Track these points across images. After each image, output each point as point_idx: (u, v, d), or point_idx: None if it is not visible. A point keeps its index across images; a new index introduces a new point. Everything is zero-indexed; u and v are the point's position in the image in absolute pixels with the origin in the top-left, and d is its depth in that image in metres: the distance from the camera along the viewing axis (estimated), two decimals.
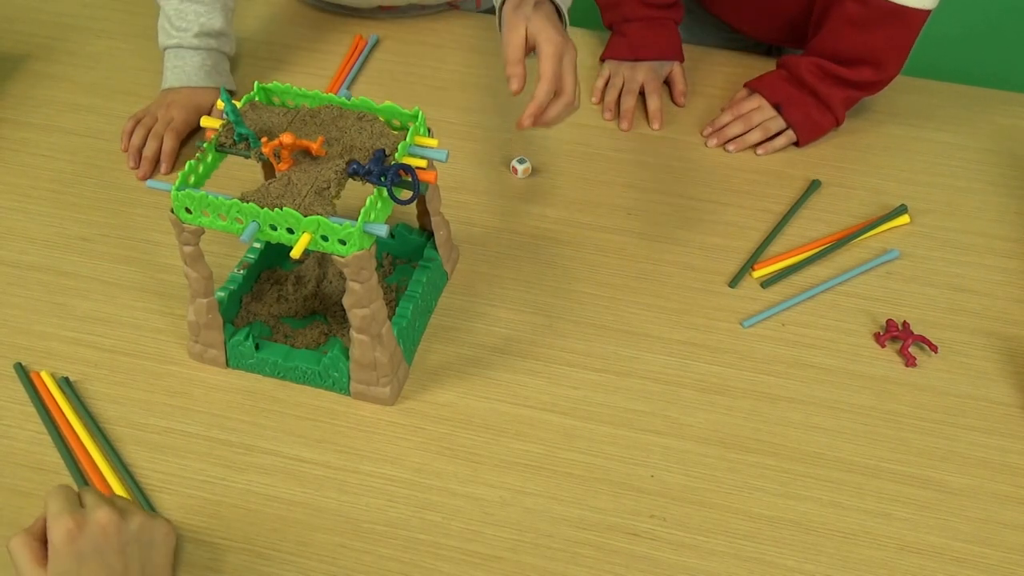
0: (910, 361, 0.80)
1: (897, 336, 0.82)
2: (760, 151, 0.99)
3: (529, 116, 0.78)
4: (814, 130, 0.99)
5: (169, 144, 0.95)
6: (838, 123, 0.99)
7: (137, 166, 0.95)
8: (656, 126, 1.03)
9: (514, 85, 0.78)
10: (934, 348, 0.81)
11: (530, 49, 0.80)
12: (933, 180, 0.99)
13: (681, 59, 1.08)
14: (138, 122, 0.97)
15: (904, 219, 0.94)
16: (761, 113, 1.00)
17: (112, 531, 0.57)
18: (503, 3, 0.84)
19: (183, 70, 1.00)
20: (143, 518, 0.60)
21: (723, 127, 1.01)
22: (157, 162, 0.96)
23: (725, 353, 0.80)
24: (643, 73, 1.06)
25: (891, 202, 0.95)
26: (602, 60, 1.10)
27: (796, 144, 1.00)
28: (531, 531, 0.68)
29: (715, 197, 0.96)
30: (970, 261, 0.90)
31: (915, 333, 0.82)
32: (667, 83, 1.08)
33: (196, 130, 1.00)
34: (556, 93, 0.79)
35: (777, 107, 0.99)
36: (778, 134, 1.00)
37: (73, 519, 0.57)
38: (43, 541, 0.58)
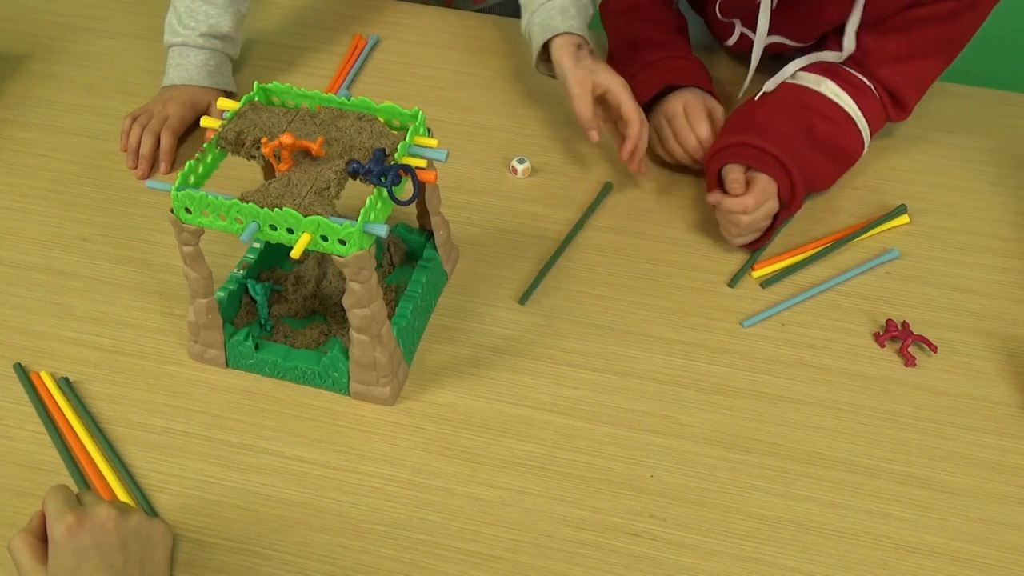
0: (910, 361, 0.80)
1: (897, 336, 0.82)
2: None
3: (636, 158, 0.92)
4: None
5: (166, 143, 0.95)
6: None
7: (136, 166, 0.95)
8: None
9: (596, 137, 0.92)
10: (934, 348, 0.81)
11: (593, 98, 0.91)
12: (933, 180, 0.99)
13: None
14: (135, 120, 0.97)
15: (904, 219, 0.94)
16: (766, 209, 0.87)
17: (112, 527, 0.58)
18: (558, 55, 0.93)
19: (186, 68, 1.00)
20: (141, 516, 0.60)
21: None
22: (156, 160, 0.96)
23: (725, 353, 0.80)
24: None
25: (891, 202, 0.95)
26: None
27: (751, 245, 0.89)
28: (531, 531, 0.68)
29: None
30: (970, 261, 0.90)
31: (915, 333, 0.82)
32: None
33: (194, 128, 1.00)
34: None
35: (783, 204, 0.88)
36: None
37: (74, 515, 0.57)
38: (43, 539, 0.58)
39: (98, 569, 0.56)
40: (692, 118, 0.94)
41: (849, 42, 0.92)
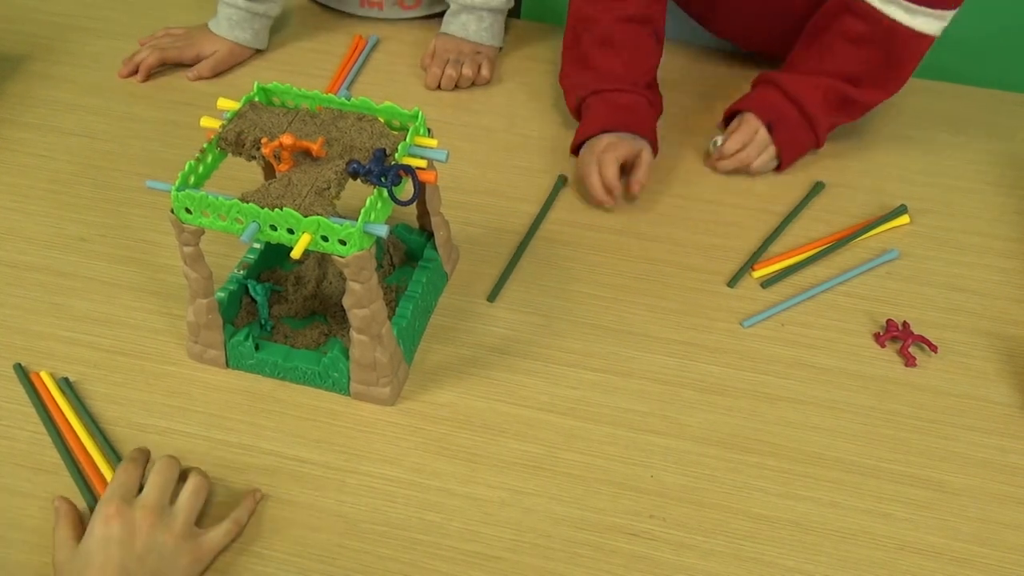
0: (910, 361, 0.80)
1: (897, 336, 0.82)
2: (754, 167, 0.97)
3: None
4: (797, 150, 0.98)
5: (150, 59, 1.08)
6: (818, 146, 0.99)
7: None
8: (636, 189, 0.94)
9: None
10: (934, 348, 0.81)
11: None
12: (933, 180, 0.99)
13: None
14: (167, 34, 1.12)
15: (904, 219, 0.94)
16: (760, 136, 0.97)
17: (143, 532, 0.60)
18: None
19: (216, 19, 1.11)
20: (177, 537, 0.61)
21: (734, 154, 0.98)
22: (138, 69, 1.08)
23: (725, 353, 0.80)
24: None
25: (891, 202, 0.95)
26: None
27: (778, 168, 0.99)
28: (530, 531, 0.68)
29: (715, 197, 0.96)
30: (969, 261, 0.90)
31: (915, 333, 0.82)
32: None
33: (183, 66, 1.10)
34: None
35: (769, 126, 0.97)
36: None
37: (116, 506, 0.60)
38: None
39: (109, 565, 0.58)
40: (603, 163, 0.91)
41: None
